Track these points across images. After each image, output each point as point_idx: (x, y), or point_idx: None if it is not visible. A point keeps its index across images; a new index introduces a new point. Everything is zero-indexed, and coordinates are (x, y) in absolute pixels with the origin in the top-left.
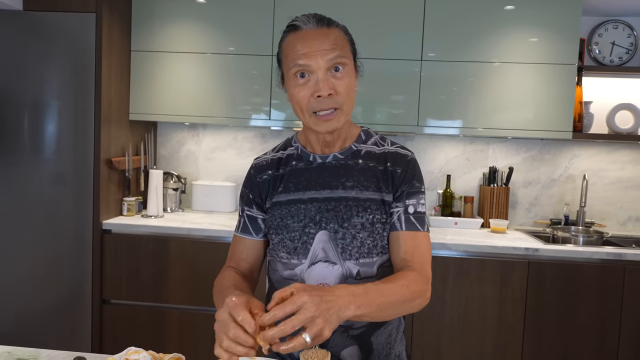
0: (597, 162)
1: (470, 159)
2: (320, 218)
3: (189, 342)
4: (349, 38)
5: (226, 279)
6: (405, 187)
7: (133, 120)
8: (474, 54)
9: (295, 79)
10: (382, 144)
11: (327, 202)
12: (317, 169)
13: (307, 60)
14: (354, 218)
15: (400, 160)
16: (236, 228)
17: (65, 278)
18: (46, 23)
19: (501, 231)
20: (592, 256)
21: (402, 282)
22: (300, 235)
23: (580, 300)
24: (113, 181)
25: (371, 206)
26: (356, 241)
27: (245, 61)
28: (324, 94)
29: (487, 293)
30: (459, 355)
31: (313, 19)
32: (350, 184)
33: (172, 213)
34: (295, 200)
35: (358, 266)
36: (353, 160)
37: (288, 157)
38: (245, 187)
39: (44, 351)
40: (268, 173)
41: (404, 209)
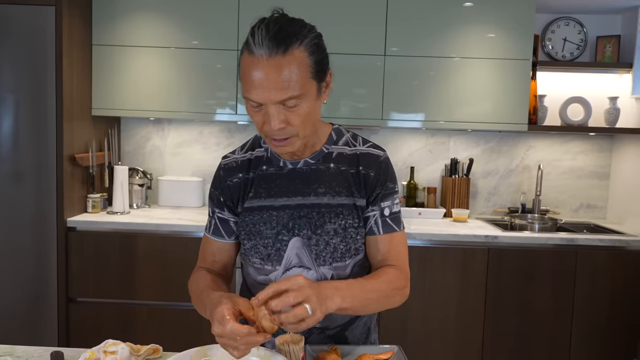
0: (551, 153)
1: (433, 151)
2: (293, 225)
3: (159, 337)
4: (312, 59)
5: (201, 280)
6: (379, 190)
7: (96, 116)
8: (435, 49)
9: (250, 103)
10: (353, 143)
11: (300, 209)
12: (288, 175)
13: (257, 97)
14: (326, 224)
15: (373, 162)
16: (206, 228)
17: (29, 277)
18: (3, 16)
19: (463, 220)
20: (547, 242)
21: (384, 279)
22: (274, 242)
23: (536, 284)
24: (77, 178)
25: (343, 212)
26: (329, 247)
27: (210, 55)
28: (274, 128)
29: (449, 280)
30: (424, 338)
31: (267, 42)
32: (322, 190)
33: (139, 209)
34: (267, 207)
35: (332, 270)
36: (324, 165)
37: (257, 159)
38: (215, 189)
39: (18, 347)
40: (238, 176)
41: (380, 212)
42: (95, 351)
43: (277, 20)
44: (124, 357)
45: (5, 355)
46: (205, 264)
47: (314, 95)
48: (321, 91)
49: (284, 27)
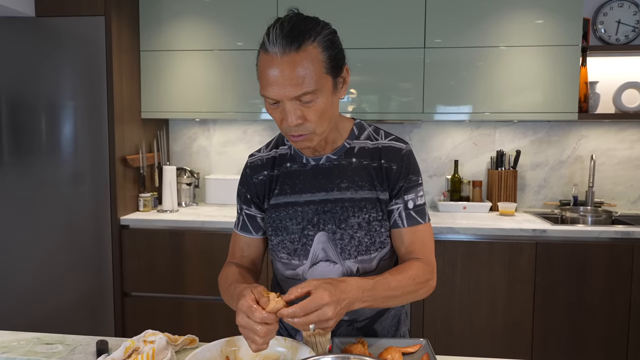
0: (605, 142)
1: (478, 143)
2: (318, 220)
3: (206, 330)
4: (326, 55)
5: (230, 275)
6: (402, 183)
7: (145, 119)
8: (477, 39)
9: (267, 101)
10: (375, 137)
11: (324, 204)
12: (311, 172)
13: (273, 94)
14: (350, 219)
15: (394, 155)
16: (235, 225)
17: (87, 273)
18: (57, 28)
19: (509, 214)
20: (600, 235)
21: (410, 274)
22: (300, 237)
23: (589, 280)
24: (128, 178)
25: (367, 205)
26: (354, 241)
27: (254, 55)
28: (291, 124)
29: (496, 275)
30: (470, 336)
31: (281, 40)
32: (345, 184)
33: (187, 207)
34: (292, 203)
35: (357, 264)
36: (346, 160)
37: (281, 156)
38: (242, 186)
39: (69, 336)
40: (264, 174)
41: (404, 205)
42: (135, 340)
43: (291, 19)
44: (161, 346)
45: (56, 343)
46: (235, 259)
47: (329, 91)
48: (337, 87)
49: (297, 24)
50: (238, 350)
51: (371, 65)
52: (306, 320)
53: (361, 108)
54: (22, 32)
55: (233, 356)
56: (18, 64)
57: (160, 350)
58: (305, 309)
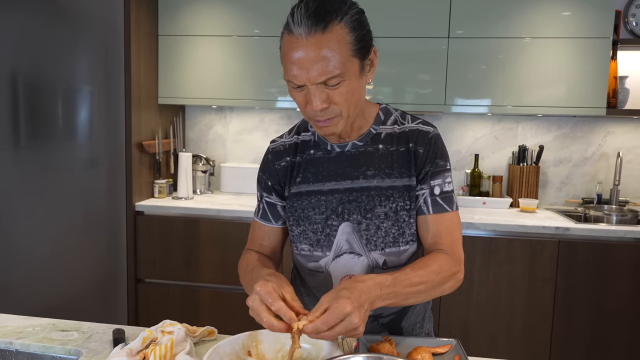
0: (633, 139)
1: (499, 137)
2: (343, 209)
3: (219, 318)
4: (353, 35)
5: (251, 260)
6: (428, 167)
7: (162, 104)
8: (503, 30)
9: (291, 84)
10: (402, 122)
11: (349, 192)
12: (336, 159)
13: (296, 78)
14: (377, 208)
15: (422, 139)
16: (255, 212)
17: (101, 258)
18: (75, 9)
19: (531, 210)
20: (625, 235)
21: (433, 268)
22: (323, 228)
23: (612, 281)
24: (144, 164)
25: (394, 194)
26: (380, 231)
27: (271, 43)
28: (316, 108)
29: (515, 273)
30: (487, 334)
31: (306, 20)
32: (372, 172)
33: (202, 195)
34: (316, 192)
35: (384, 256)
36: (373, 146)
37: (304, 143)
38: (263, 173)
39: (85, 324)
40: (286, 160)
41: (430, 190)
42: (153, 330)
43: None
44: (180, 337)
45: (72, 330)
46: (255, 246)
47: (356, 74)
48: (364, 69)
49: (323, 4)
50: (260, 344)
51: (394, 55)
52: (333, 334)
53: (385, 100)
54: (40, 12)
55: (255, 350)
56: (35, 46)
57: (179, 341)
58: (328, 322)
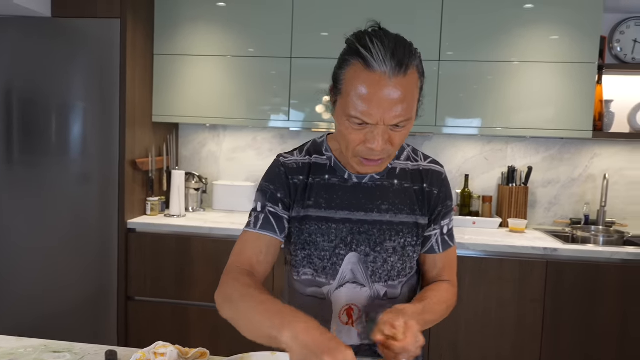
0: (619, 162)
1: (489, 158)
2: (352, 240)
3: (210, 337)
4: (421, 81)
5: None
6: (440, 208)
7: (156, 122)
8: (493, 53)
9: (353, 121)
10: (415, 158)
11: (360, 224)
12: (352, 189)
13: (370, 117)
14: (386, 242)
15: (436, 180)
16: (251, 225)
17: (92, 276)
18: (73, 29)
19: (520, 231)
20: (612, 256)
21: (445, 297)
22: (331, 256)
23: (600, 301)
24: (137, 182)
25: (404, 230)
26: (387, 265)
27: (265, 63)
28: (377, 149)
29: (505, 293)
30: (477, 355)
31: (391, 59)
32: (386, 207)
33: (194, 212)
34: (327, 219)
35: (386, 288)
36: (389, 181)
37: (318, 166)
38: (271, 184)
39: (77, 345)
40: (299, 178)
41: (440, 230)
42: (146, 352)
43: (388, 36)
44: (173, 359)
45: (64, 351)
46: (244, 264)
47: (414, 118)
48: (418, 112)
49: (399, 44)
50: None
51: None
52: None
53: None
54: (38, 32)
55: None
56: (32, 64)
57: None
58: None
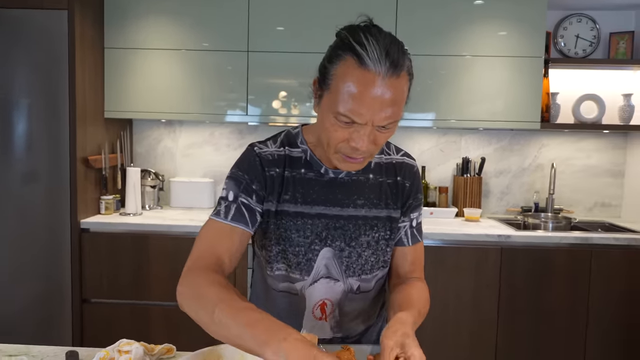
0: (565, 151)
1: (444, 150)
2: (327, 235)
3: (172, 337)
4: (409, 84)
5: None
6: (411, 201)
7: (108, 118)
8: (445, 48)
9: (337, 120)
10: (387, 152)
11: (336, 219)
12: (328, 184)
13: (360, 116)
14: (361, 237)
15: (408, 173)
16: (221, 214)
17: (44, 278)
18: (17, 20)
19: (475, 220)
20: (561, 241)
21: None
22: (306, 252)
23: (550, 284)
24: (90, 180)
25: (378, 224)
26: (361, 259)
27: (220, 57)
28: (362, 148)
29: (462, 280)
30: (436, 340)
31: (386, 60)
32: (361, 202)
33: (151, 210)
34: (302, 214)
35: (359, 282)
36: (364, 176)
37: (293, 159)
38: (245, 173)
39: (34, 347)
40: (275, 170)
41: (410, 223)
42: (109, 350)
43: (382, 33)
44: (138, 356)
45: (21, 354)
46: (211, 258)
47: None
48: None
49: (393, 44)
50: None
51: None
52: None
53: None
54: None
55: None
56: None
57: None
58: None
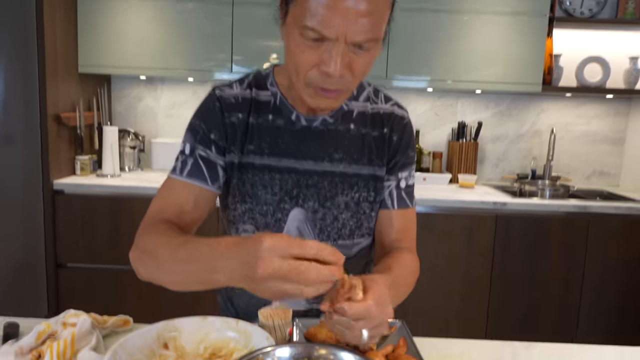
0: (565, 117)
1: (439, 114)
2: (298, 193)
3: (149, 303)
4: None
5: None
6: (399, 158)
7: (83, 74)
8: (443, 3)
9: (306, 34)
10: (374, 100)
11: (309, 175)
12: (300, 133)
13: (329, 29)
14: (338, 197)
15: (397, 125)
16: (177, 170)
17: (15, 243)
18: None
19: (469, 186)
20: (558, 209)
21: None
22: (275, 211)
23: (545, 253)
24: (63, 139)
25: (358, 183)
26: (337, 222)
27: (205, 10)
28: (334, 72)
29: (455, 247)
30: (426, 308)
31: None
32: (339, 155)
33: (131, 172)
34: (270, 167)
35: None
36: (344, 126)
37: (261, 103)
38: (203, 122)
39: None
40: (238, 116)
41: (396, 183)
42: (52, 323)
43: None
44: (84, 329)
45: None
46: (170, 214)
47: (381, 42)
48: (385, 38)
49: None
50: (179, 335)
51: None
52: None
53: None
54: None
55: (173, 343)
56: None
57: (83, 335)
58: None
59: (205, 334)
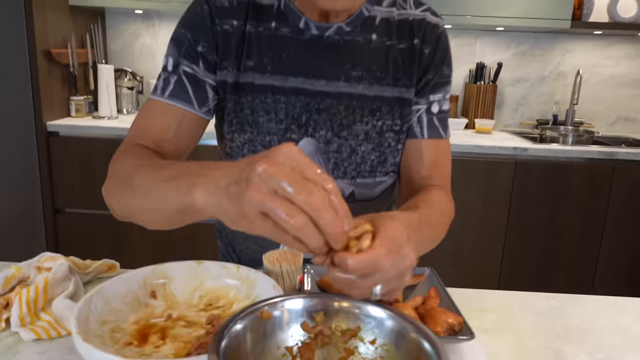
0: (591, 58)
1: (457, 53)
2: (308, 120)
3: (149, 249)
4: None
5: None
6: (431, 76)
7: (74, 6)
8: None
9: None
10: (402, 4)
11: (320, 98)
12: (310, 45)
13: None
14: (356, 125)
15: (430, 34)
16: (158, 90)
17: (12, 188)
18: None
19: (487, 132)
20: (582, 155)
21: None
22: (279, 142)
23: (565, 201)
24: (55, 77)
25: (381, 107)
26: (355, 156)
27: None
28: None
29: (470, 195)
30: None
31: None
32: (358, 73)
33: (129, 114)
34: (273, 88)
35: (353, 187)
36: (364, 36)
37: (262, 8)
38: (187, 29)
39: None
40: (232, 23)
41: (427, 107)
42: (24, 267)
43: None
44: (60, 275)
45: None
46: (148, 140)
47: None
48: None
49: None
50: (169, 282)
51: None
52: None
53: None
54: None
55: (162, 291)
56: None
57: (58, 281)
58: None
59: (201, 282)
